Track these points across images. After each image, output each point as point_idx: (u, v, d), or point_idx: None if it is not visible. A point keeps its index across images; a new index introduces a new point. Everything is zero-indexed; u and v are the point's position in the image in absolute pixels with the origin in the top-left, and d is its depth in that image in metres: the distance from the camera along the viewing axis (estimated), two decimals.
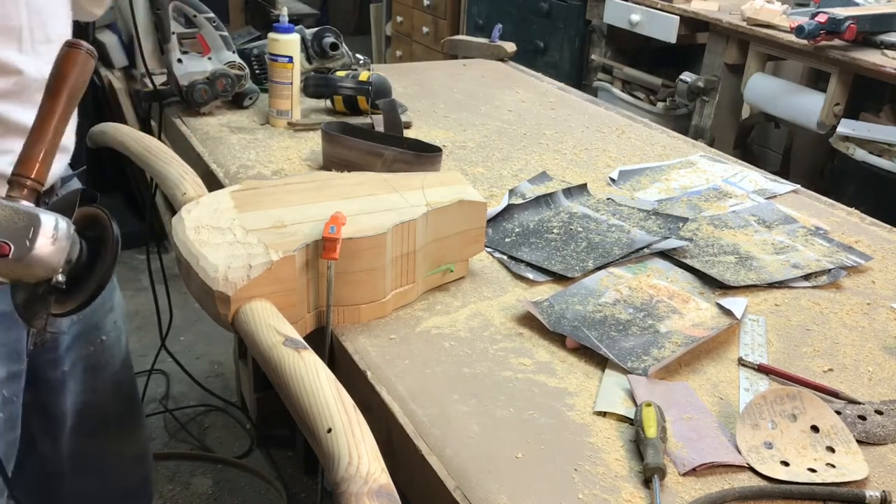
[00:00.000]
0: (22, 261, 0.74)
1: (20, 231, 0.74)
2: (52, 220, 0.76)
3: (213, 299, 0.98)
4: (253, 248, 1.01)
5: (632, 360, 1.03)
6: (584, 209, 1.41)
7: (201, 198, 1.14)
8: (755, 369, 1.04)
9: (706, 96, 2.90)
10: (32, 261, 0.75)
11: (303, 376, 0.83)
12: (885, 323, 1.17)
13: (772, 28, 2.62)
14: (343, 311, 1.08)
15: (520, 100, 2.06)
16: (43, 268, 0.76)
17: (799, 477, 0.85)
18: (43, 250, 0.75)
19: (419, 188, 1.17)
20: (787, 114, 2.70)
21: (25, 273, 0.76)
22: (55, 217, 0.77)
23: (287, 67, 1.67)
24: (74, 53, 0.83)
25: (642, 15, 3.04)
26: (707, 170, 1.65)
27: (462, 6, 4.17)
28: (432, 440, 0.89)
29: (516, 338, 1.08)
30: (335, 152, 1.46)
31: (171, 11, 1.69)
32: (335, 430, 0.76)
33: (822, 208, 1.54)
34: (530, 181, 1.53)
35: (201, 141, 1.64)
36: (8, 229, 0.74)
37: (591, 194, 1.47)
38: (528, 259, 1.25)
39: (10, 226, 0.74)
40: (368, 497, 0.69)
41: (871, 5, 2.63)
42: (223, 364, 2.61)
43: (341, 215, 1.05)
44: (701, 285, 1.23)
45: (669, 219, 1.37)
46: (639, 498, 0.83)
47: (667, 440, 0.89)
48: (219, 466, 2.22)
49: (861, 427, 0.94)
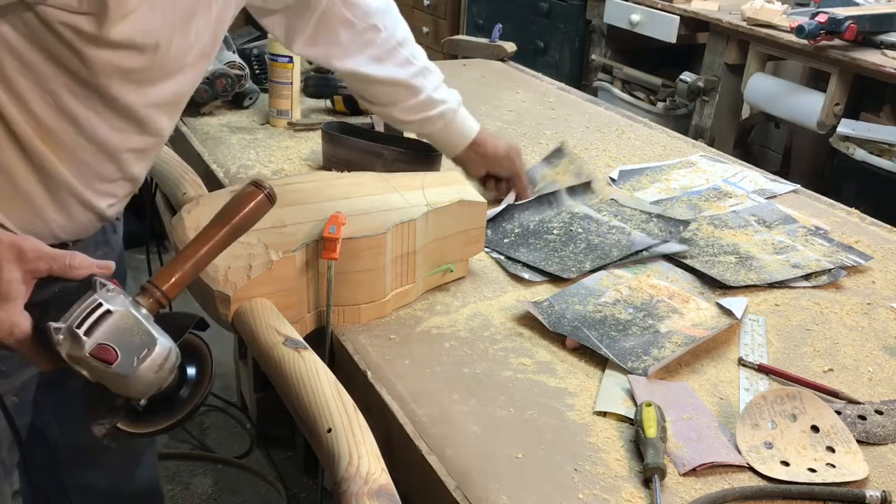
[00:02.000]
0: (121, 376, 0.73)
1: (134, 346, 0.73)
2: (166, 347, 0.75)
3: (213, 299, 0.98)
4: (253, 248, 1.01)
5: (632, 360, 1.03)
6: (586, 209, 1.41)
7: (201, 198, 1.14)
8: (755, 369, 1.04)
9: (706, 96, 2.90)
10: (131, 379, 0.73)
11: (303, 376, 0.84)
12: (885, 323, 1.17)
13: (772, 28, 2.61)
14: (343, 311, 1.08)
15: (520, 100, 2.06)
16: (136, 389, 0.74)
17: (799, 477, 0.85)
18: (146, 374, 0.73)
19: (419, 188, 1.17)
20: (787, 114, 2.70)
21: (116, 385, 0.74)
22: (170, 346, 0.76)
23: (287, 67, 1.67)
24: (255, 193, 0.85)
25: (642, 15, 3.04)
26: (707, 170, 1.65)
27: (462, 6, 4.17)
28: (432, 440, 0.89)
29: (516, 338, 1.08)
30: (335, 152, 1.46)
31: None
32: (335, 430, 0.76)
33: (822, 208, 1.54)
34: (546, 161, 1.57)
35: (201, 141, 1.64)
36: (124, 339, 0.73)
37: (596, 193, 1.47)
38: (526, 260, 1.25)
39: (127, 336, 0.73)
40: (368, 497, 0.69)
41: (871, 5, 2.63)
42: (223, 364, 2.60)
43: (341, 215, 1.05)
44: (701, 285, 1.23)
45: (672, 222, 1.37)
46: (639, 498, 0.83)
47: (667, 440, 0.89)
48: (219, 466, 2.22)
49: (861, 427, 0.94)
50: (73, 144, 0.92)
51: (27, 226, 0.95)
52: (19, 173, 0.91)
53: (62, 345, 0.72)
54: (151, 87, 0.94)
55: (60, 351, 0.72)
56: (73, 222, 0.99)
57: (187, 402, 0.81)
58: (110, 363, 0.72)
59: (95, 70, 0.86)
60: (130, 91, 0.91)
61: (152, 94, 0.95)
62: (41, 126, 0.88)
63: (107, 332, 0.73)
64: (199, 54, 0.99)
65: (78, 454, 1.30)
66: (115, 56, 0.86)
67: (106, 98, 0.90)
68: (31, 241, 0.79)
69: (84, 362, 0.73)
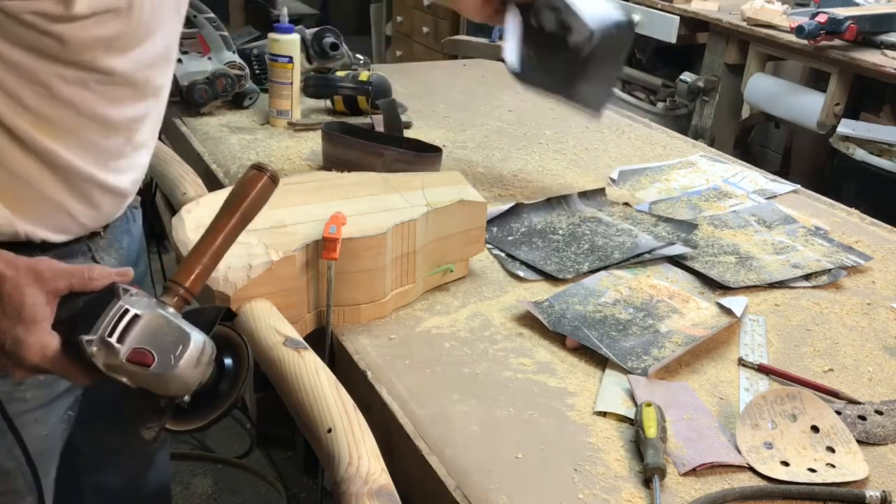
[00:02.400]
0: (161, 376, 0.72)
1: (168, 345, 0.73)
2: (200, 342, 0.74)
3: (213, 299, 0.98)
4: (253, 248, 1.01)
5: (632, 360, 1.03)
6: (595, 212, 1.41)
7: (201, 198, 1.14)
8: (755, 369, 1.04)
9: (706, 96, 2.90)
10: (171, 378, 0.73)
11: (303, 376, 0.84)
12: (885, 323, 1.17)
13: (772, 28, 2.62)
14: (343, 311, 1.08)
15: (520, 100, 2.06)
16: (178, 387, 0.74)
17: (799, 477, 0.85)
18: (185, 370, 0.73)
19: (419, 188, 1.17)
20: (787, 114, 2.70)
21: (158, 387, 0.74)
22: (204, 339, 0.75)
23: (287, 67, 1.67)
24: (259, 177, 0.84)
25: (642, 15, 3.04)
26: (707, 170, 1.65)
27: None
28: (432, 440, 0.89)
29: (516, 338, 1.08)
30: (335, 152, 1.46)
31: None
32: (335, 430, 0.76)
33: (822, 208, 1.54)
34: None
35: (201, 141, 1.64)
36: (156, 340, 0.73)
37: (608, 198, 1.47)
38: (525, 258, 1.25)
39: (159, 337, 0.73)
40: (368, 497, 0.69)
41: (871, 5, 2.63)
42: None
43: (341, 215, 1.05)
44: (701, 285, 1.23)
45: (679, 225, 1.37)
46: (639, 498, 0.83)
47: (667, 440, 0.89)
48: (219, 466, 2.22)
49: (861, 427, 0.94)
50: (77, 128, 0.90)
51: (57, 224, 0.95)
52: (31, 174, 0.90)
53: (97, 356, 0.72)
54: (139, 49, 0.91)
55: (96, 362, 0.72)
56: (96, 208, 0.98)
57: (229, 393, 0.80)
58: (148, 366, 0.72)
59: (76, 48, 0.84)
60: (119, 59, 0.89)
61: (142, 56, 0.92)
62: (40, 120, 0.87)
63: (139, 335, 0.73)
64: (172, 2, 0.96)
65: (95, 457, 1.30)
66: (91, 27, 0.84)
67: (97, 72, 0.88)
68: (47, 261, 0.78)
69: (122, 369, 0.72)
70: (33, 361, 0.74)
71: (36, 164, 0.90)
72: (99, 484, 1.33)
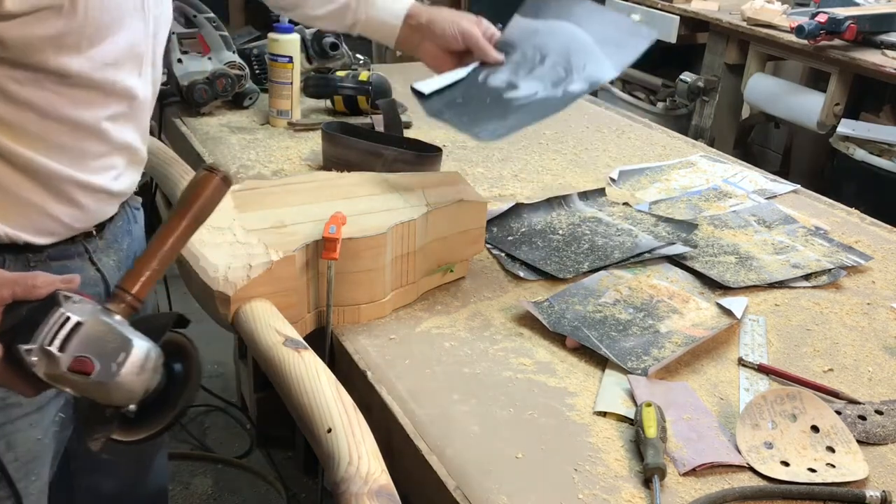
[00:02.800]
0: (102, 385, 0.71)
1: (110, 353, 0.71)
2: (144, 349, 0.73)
3: (213, 299, 0.98)
4: (253, 248, 1.01)
5: (632, 360, 1.03)
6: (595, 212, 1.41)
7: None
8: (755, 369, 1.04)
9: (706, 96, 2.90)
10: (113, 387, 0.71)
11: (303, 376, 0.84)
12: (885, 323, 1.17)
13: (772, 28, 2.61)
14: (343, 311, 1.08)
15: None
16: (122, 395, 0.72)
17: (799, 477, 0.85)
18: (127, 378, 0.71)
19: (419, 188, 1.17)
20: (787, 114, 2.70)
21: (101, 396, 0.72)
22: (148, 346, 0.74)
23: (287, 67, 1.67)
24: (210, 178, 0.81)
25: (642, 15, 3.04)
26: (707, 170, 1.65)
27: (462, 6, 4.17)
28: (432, 440, 0.89)
29: (516, 338, 1.08)
30: (335, 152, 1.46)
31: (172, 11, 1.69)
32: (335, 430, 0.76)
33: (822, 208, 1.54)
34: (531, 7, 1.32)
35: (201, 141, 1.64)
36: (98, 347, 0.71)
37: (608, 198, 1.47)
38: (525, 258, 1.25)
39: (101, 344, 0.71)
40: (368, 497, 0.69)
41: (871, 5, 2.63)
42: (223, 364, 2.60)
43: (341, 215, 1.05)
44: (701, 285, 1.23)
45: (680, 225, 1.37)
46: (639, 498, 0.83)
47: (667, 440, 0.89)
48: (219, 466, 2.22)
49: (861, 427, 0.94)
50: (44, 131, 0.89)
51: (39, 227, 0.94)
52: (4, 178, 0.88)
53: (37, 365, 0.70)
54: (97, 49, 0.88)
55: (37, 372, 0.70)
56: (81, 209, 0.97)
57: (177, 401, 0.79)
58: (89, 374, 0.70)
59: (20, 47, 0.83)
60: (74, 59, 0.87)
61: (101, 56, 0.89)
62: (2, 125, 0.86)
63: (80, 343, 0.71)
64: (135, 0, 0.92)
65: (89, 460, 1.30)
66: (31, 25, 0.82)
67: (51, 73, 0.86)
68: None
69: (63, 379, 0.71)
70: None
71: (8, 168, 0.88)
72: (93, 487, 1.32)
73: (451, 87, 1.13)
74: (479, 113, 1.05)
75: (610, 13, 1.07)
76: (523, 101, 1.06)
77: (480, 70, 1.17)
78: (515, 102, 1.06)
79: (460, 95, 1.12)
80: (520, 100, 1.06)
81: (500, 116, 1.04)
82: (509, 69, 1.15)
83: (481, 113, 1.05)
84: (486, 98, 1.08)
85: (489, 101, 1.07)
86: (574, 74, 1.05)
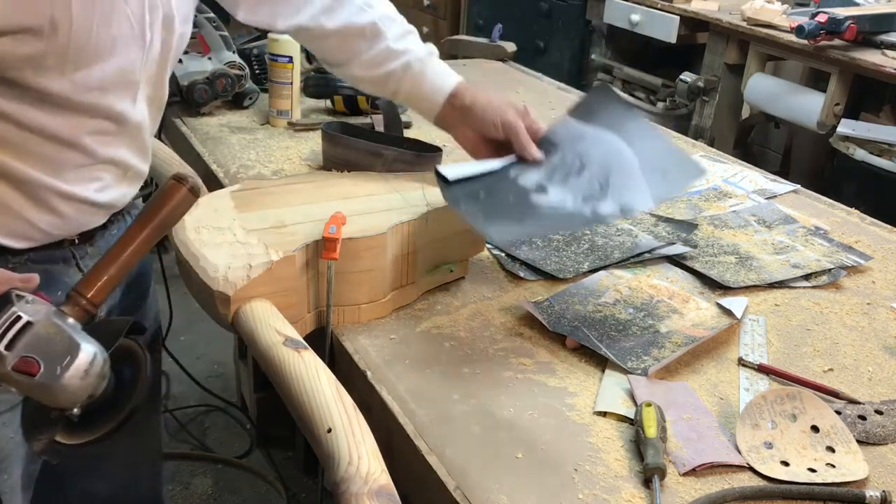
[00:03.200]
0: (46, 386, 0.71)
1: (56, 355, 0.72)
2: (90, 353, 0.73)
3: (213, 299, 0.98)
4: (253, 248, 1.01)
5: (632, 360, 1.03)
6: None
7: (201, 198, 1.14)
8: (755, 369, 1.04)
9: (706, 96, 2.90)
10: (56, 389, 0.72)
11: (303, 376, 0.84)
12: (885, 323, 1.17)
13: (772, 28, 2.61)
14: (343, 311, 1.08)
15: (520, 100, 2.05)
16: (64, 398, 0.73)
17: (799, 477, 0.85)
18: (71, 382, 0.72)
19: (419, 188, 1.17)
20: (787, 114, 2.70)
21: (44, 397, 0.73)
22: (95, 350, 0.74)
23: (287, 67, 1.68)
24: (177, 188, 0.81)
25: (642, 15, 3.04)
26: (707, 170, 1.65)
27: (462, 6, 4.17)
28: (432, 440, 0.89)
29: (516, 338, 1.08)
30: (335, 152, 1.46)
31: None
32: (335, 430, 0.76)
33: (822, 208, 1.54)
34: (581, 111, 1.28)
35: (201, 141, 1.64)
36: (45, 349, 0.72)
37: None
38: (525, 258, 1.25)
39: (49, 346, 0.72)
40: (368, 497, 0.69)
41: (871, 5, 2.63)
42: (223, 364, 2.60)
43: (341, 215, 1.05)
44: (701, 285, 1.23)
45: (680, 225, 1.37)
46: (639, 498, 0.83)
47: (667, 440, 0.89)
48: (219, 466, 2.22)
49: (861, 427, 0.94)
50: (22, 140, 0.88)
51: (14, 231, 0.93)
52: None
53: None
54: (80, 72, 0.87)
55: None
56: (61, 217, 0.96)
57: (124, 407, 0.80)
58: (34, 375, 0.70)
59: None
60: (54, 79, 0.86)
61: (82, 79, 0.88)
62: None
63: (28, 344, 0.71)
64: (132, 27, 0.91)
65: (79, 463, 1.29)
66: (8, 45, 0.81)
67: (31, 90, 0.85)
68: None
69: (7, 377, 0.71)
70: None
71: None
72: (84, 490, 1.30)
73: (478, 177, 1.07)
74: (497, 210, 0.99)
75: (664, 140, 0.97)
76: (547, 210, 1.00)
77: (515, 165, 1.10)
78: (539, 209, 1.00)
79: (485, 189, 1.05)
80: (544, 207, 1.00)
81: (518, 220, 0.98)
82: (545, 170, 1.08)
83: (499, 210, 0.99)
84: (510, 196, 1.01)
85: (512, 199, 1.01)
86: (609, 195, 0.98)
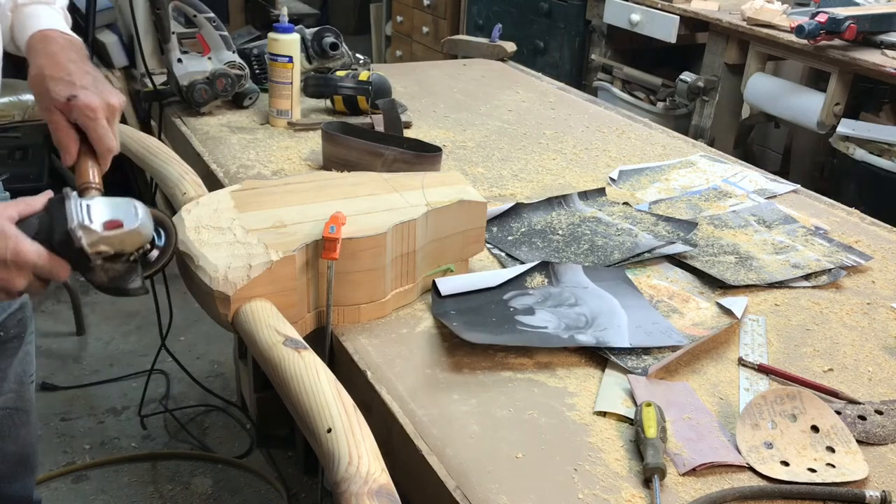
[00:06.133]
0: (134, 231, 0.90)
1: (123, 209, 0.91)
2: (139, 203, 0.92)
3: (213, 299, 0.98)
4: (253, 248, 1.01)
5: (632, 360, 1.03)
6: (595, 212, 1.41)
7: (201, 198, 1.14)
8: (755, 369, 1.04)
9: (706, 96, 2.90)
10: (141, 229, 0.90)
11: (303, 376, 0.84)
12: (885, 323, 1.17)
13: (772, 28, 2.61)
14: (343, 311, 1.08)
15: (520, 100, 2.06)
16: (146, 234, 0.92)
17: (799, 477, 0.85)
18: (144, 220, 0.91)
19: (419, 188, 1.17)
20: (787, 114, 2.70)
21: (132, 242, 0.90)
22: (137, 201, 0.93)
23: (287, 67, 1.67)
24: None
25: (642, 15, 3.04)
26: (707, 170, 1.65)
27: (462, 6, 4.17)
28: (432, 440, 0.89)
29: None
30: (335, 152, 1.46)
31: (171, 11, 1.69)
32: (335, 430, 0.76)
33: (822, 208, 1.54)
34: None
35: (201, 141, 1.64)
36: (114, 210, 0.90)
37: (608, 197, 1.47)
38: (525, 258, 1.25)
39: (113, 208, 0.90)
40: (368, 497, 0.69)
41: (871, 5, 2.63)
42: (223, 364, 2.60)
43: (341, 215, 1.05)
44: (701, 285, 1.23)
45: (680, 225, 1.37)
46: (639, 498, 0.83)
47: (667, 440, 0.89)
48: (219, 466, 2.22)
49: (861, 427, 0.94)
50: None
51: None
52: None
53: (83, 237, 0.87)
54: None
55: (83, 243, 0.87)
56: None
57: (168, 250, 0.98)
58: (122, 226, 0.89)
59: None
60: None
61: None
62: None
63: (101, 212, 0.89)
64: None
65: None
66: None
67: None
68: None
69: (103, 240, 0.88)
70: (32, 260, 0.86)
71: None
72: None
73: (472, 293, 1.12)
74: (480, 323, 1.06)
75: (655, 312, 1.10)
76: (527, 328, 1.06)
77: (510, 286, 1.15)
78: (520, 324, 1.06)
79: (475, 305, 1.10)
80: (525, 324, 1.07)
81: (493, 332, 1.04)
82: (539, 296, 1.13)
83: (481, 324, 1.06)
84: (493, 316, 1.08)
85: (496, 319, 1.07)
86: (590, 329, 1.06)
